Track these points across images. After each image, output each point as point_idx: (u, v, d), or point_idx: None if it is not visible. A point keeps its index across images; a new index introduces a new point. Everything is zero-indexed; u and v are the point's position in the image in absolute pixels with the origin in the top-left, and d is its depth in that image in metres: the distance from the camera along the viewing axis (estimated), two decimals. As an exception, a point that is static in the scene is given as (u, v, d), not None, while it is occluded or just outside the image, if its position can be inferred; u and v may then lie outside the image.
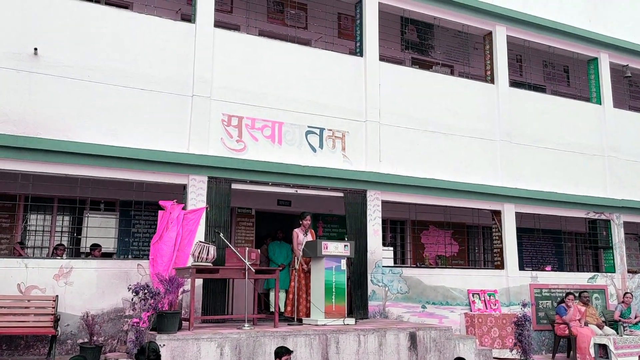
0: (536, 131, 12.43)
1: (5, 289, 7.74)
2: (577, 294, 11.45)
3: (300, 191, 10.00)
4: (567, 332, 10.69)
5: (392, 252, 11.35)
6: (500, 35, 12.35)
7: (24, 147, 7.98)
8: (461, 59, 13.21)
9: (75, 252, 10.25)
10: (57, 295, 7.91)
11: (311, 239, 9.15)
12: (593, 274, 12.83)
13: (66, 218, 10.76)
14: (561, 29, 12.89)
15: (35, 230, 10.50)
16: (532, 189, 12.01)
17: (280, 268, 9.76)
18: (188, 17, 10.10)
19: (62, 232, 10.68)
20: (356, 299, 9.81)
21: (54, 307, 7.82)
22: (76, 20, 8.70)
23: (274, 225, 11.34)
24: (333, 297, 8.56)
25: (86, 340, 7.81)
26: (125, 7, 10.54)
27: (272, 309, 9.64)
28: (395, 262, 11.75)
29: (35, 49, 8.33)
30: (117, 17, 9.07)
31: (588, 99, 13.75)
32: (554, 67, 14.88)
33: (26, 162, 8.09)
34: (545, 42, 13.03)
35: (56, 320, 7.72)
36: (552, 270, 12.91)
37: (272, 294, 10.02)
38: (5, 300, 7.66)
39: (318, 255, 8.58)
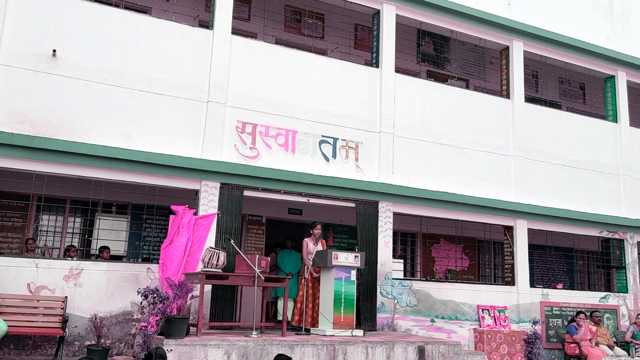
0: (551, 147, 12.35)
1: (15, 288, 7.76)
2: (588, 314, 11.31)
3: (312, 200, 9.98)
4: (577, 351, 10.54)
5: (402, 264, 11.28)
6: (517, 51, 12.31)
7: (39, 147, 8.02)
8: (477, 73, 13.17)
9: (85, 253, 10.27)
10: (66, 297, 7.92)
11: (321, 249, 9.12)
12: (605, 293, 12.66)
13: (78, 219, 10.79)
14: (579, 45, 12.84)
15: (47, 231, 10.54)
16: (546, 205, 11.90)
17: (289, 277, 9.72)
18: (206, 24, 10.15)
19: (73, 233, 10.71)
20: (365, 311, 9.74)
21: (62, 308, 7.82)
22: (95, 23, 8.77)
23: (285, 234, 11.31)
24: (342, 307, 8.50)
25: (94, 342, 7.80)
26: (144, 11, 10.62)
27: (279, 318, 9.60)
28: (405, 275, 11.68)
29: (54, 50, 8.41)
30: (135, 21, 9.14)
31: (604, 117, 13.65)
32: (570, 84, 14.79)
33: (40, 163, 8.14)
34: (562, 58, 12.97)
35: (64, 321, 7.72)
36: (563, 288, 12.75)
37: (280, 303, 9.98)
38: (15, 300, 7.68)
39: (328, 265, 8.54)
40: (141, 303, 7.54)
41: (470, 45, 12.75)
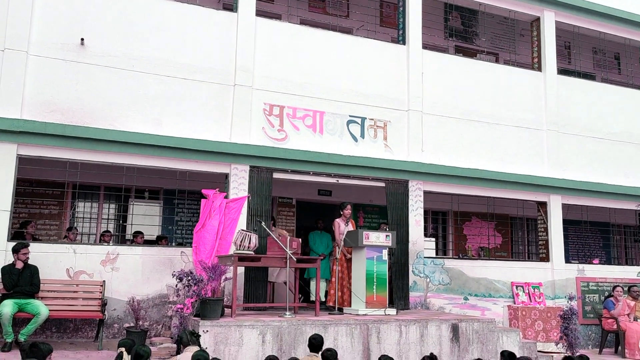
0: (585, 120, 12.04)
1: (55, 273, 7.98)
2: (626, 288, 11.09)
3: (342, 181, 9.96)
4: (615, 327, 10.37)
5: (434, 243, 11.21)
6: (549, 21, 11.97)
7: (72, 135, 8.17)
8: (507, 46, 12.87)
9: (121, 239, 10.49)
10: (104, 281, 8.11)
11: (352, 229, 9.11)
12: (643, 267, 12.39)
13: (112, 206, 11.01)
14: (612, 13, 12.40)
15: (83, 217, 10.79)
16: (580, 179, 11.64)
17: (321, 257, 9.75)
18: (230, 6, 10.13)
19: (108, 219, 10.94)
20: (397, 290, 9.73)
21: (101, 292, 8.01)
22: (121, 11, 8.84)
23: (315, 215, 11.33)
24: (374, 287, 8.51)
25: (132, 324, 7.99)
26: (169, -3, 10.62)
27: (312, 299, 9.66)
28: (437, 253, 11.61)
29: (82, 39, 8.51)
30: (160, 6, 9.16)
31: (640, 87, 13.25)
32: (604, 54, 14.34)
33: (74, 151, 8.29)
34: (596, 27, 12.56)
35: (103, 304, 7.91)
36: (600, 263, 12.50)
37: (312, 283, 10.03)
38: (55, 285, 7.90)
39: (359, 245, 8.53)
40: (176, 286, 7.66)
41: (500, 18, 12.44)
